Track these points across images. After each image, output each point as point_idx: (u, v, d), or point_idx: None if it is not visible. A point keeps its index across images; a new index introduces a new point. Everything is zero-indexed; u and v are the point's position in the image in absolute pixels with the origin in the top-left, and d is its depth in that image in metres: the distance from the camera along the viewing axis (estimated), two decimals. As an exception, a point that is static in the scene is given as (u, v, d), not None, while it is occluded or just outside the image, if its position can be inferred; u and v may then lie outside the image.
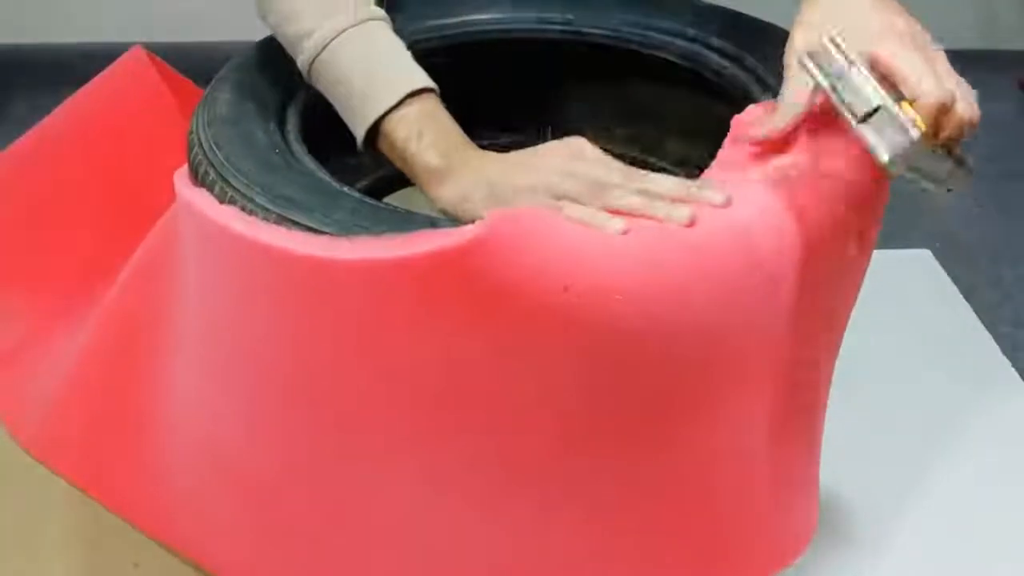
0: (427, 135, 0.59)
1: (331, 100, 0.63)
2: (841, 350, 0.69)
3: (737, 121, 0.62)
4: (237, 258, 0.56)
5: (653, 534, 0.63)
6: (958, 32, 1.80)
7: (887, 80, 0.53)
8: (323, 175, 0.60)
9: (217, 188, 0.58)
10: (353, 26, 0.61)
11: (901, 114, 0.50)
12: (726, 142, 0.61)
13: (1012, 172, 1.49)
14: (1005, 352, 1.09)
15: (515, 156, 0.59)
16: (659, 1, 0.83)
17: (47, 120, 0.98)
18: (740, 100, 0.71)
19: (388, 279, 0.51)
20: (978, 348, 1.10)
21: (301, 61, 0.63)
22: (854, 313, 0.67)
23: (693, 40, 0.79)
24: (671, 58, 0.81)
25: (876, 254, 0.64)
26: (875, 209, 0.62)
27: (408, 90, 0.59)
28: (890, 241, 1.27)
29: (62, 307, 0.92)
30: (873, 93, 0.51)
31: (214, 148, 0.61)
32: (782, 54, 0.71)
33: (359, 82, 0.61)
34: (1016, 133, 1.62)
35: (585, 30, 0.82)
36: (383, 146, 0.61)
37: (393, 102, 0.59)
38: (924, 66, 0.53)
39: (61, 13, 1.63)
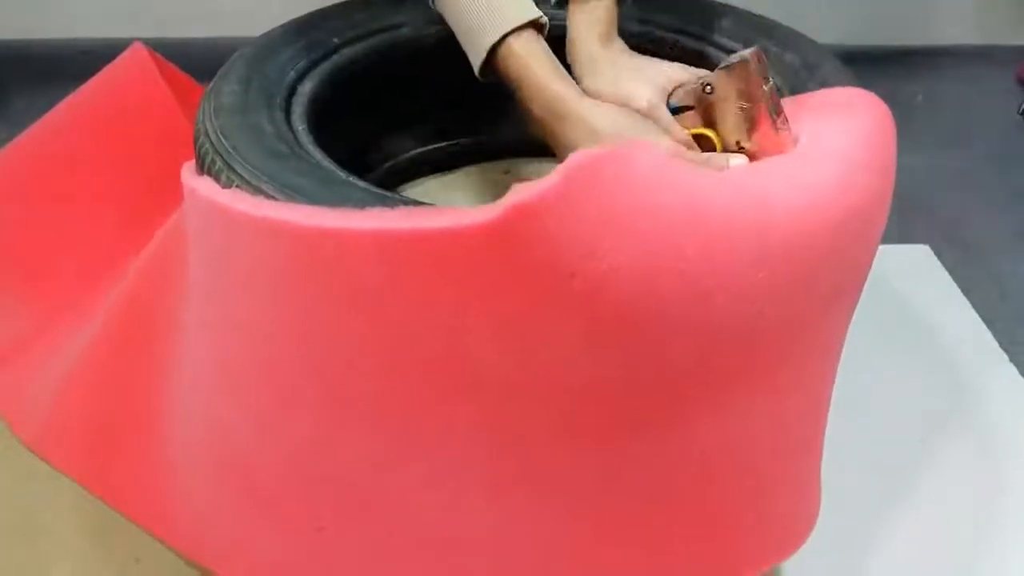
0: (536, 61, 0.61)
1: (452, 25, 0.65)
2: (840, 345, 0.70)
3: None
4: (243, 239, 0.56)
5: (660, 523, 0.63)
6: (957, 28, 1.80)
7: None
8: (330, 164, 0.61)
9: (224, 177, 0.59)
10: None
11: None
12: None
13: (1012, 167, 1.49)
14: (1004, 347, 1.09)
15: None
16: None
17: (47, 117, 0.98)
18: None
19: (418, 250, 0.50)
20: (977, 343, 1.10)
21: None
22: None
23: (699, 38, 0.79)
24: (679, 56, 0.81)
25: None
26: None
27: (507, 29, 0.60)
28: (889, 236, 1.26)
29: (63, 304, 0.92)
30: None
31: (221, 137, 0.61)
32: (784, 53, 0.71)
33: (468, 19, 0.62)
34: (1015, 128, 1.62)
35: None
36: (502, 69, 0.62)
37: (513, 25, 0.60)
38: None
39: (59, 8, 1.62)
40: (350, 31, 0.79)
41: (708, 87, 0.62)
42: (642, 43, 0.82)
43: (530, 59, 0.60)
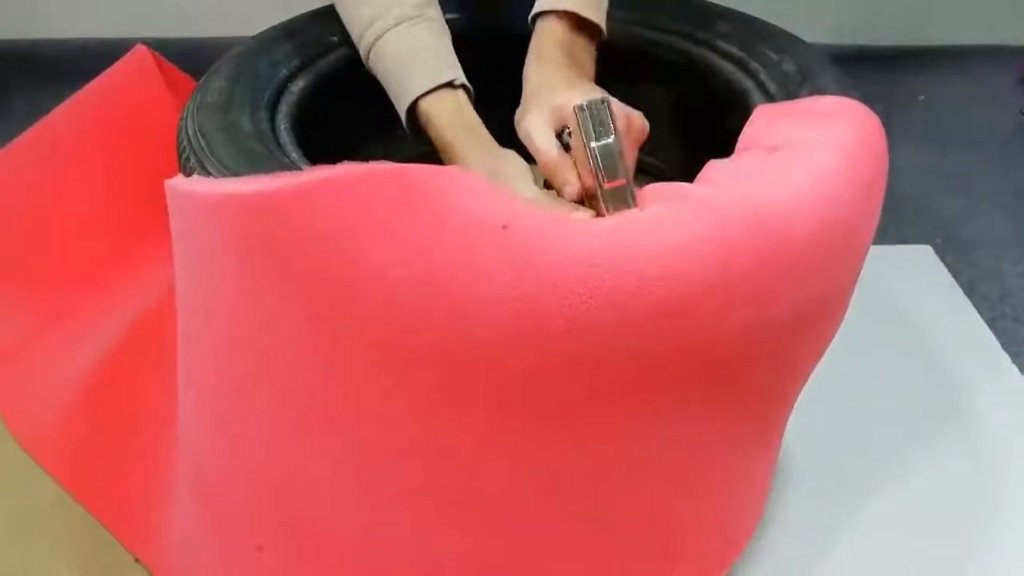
0: (444, 117, 0.67)
1: (383, 84, 0.71)
2: (841, 345, 0.69)
3: (746, 133, 0.62)
4: (196, 221, 0.56)
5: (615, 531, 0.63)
6: (958, 28, 1.80)
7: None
8: (305, 165, 0.60)
9: (196, 174, 0.59)
10: (404, 22, 0.68)
11: (630, 191, 0.55)
12: (737, 150, 0.61)
13: (1013, 167, 1.49)
14: (1006, 348, 1.09)
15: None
16: (669, 2, 0.83)
17: (48, 118, 0.98)
18: (741, 106, 0.70)
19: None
20: (979, 344, 1.10)
21: (361, 51, 0.71)
22: (855, 308, 0.66)
23: (702, 43, 0.78)
24: (680, 61, 0.80)
25: (877, 249, 0.64)
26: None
27: (439, 81, 0.67)
28: (891, 236, 1.27)
29: (65, 305, 0.92)
30: (623, 171, 0.55)
31: (198, 135, 0.61)
32: (782, 60, 0.70)
33: (401, 70, 0.69)
34: (1016, 128, 1.62)
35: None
36: (421, 123, 0.69)
37: (426, 88, 0.67)
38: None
39: (59, 8, 1.62)
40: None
41: (566, 130, 0.62)
42: (644, 47, 0.82)
43: (432, 117, 0.68)
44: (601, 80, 0.84)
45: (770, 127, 0.61)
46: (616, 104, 0.61)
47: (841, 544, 0.84)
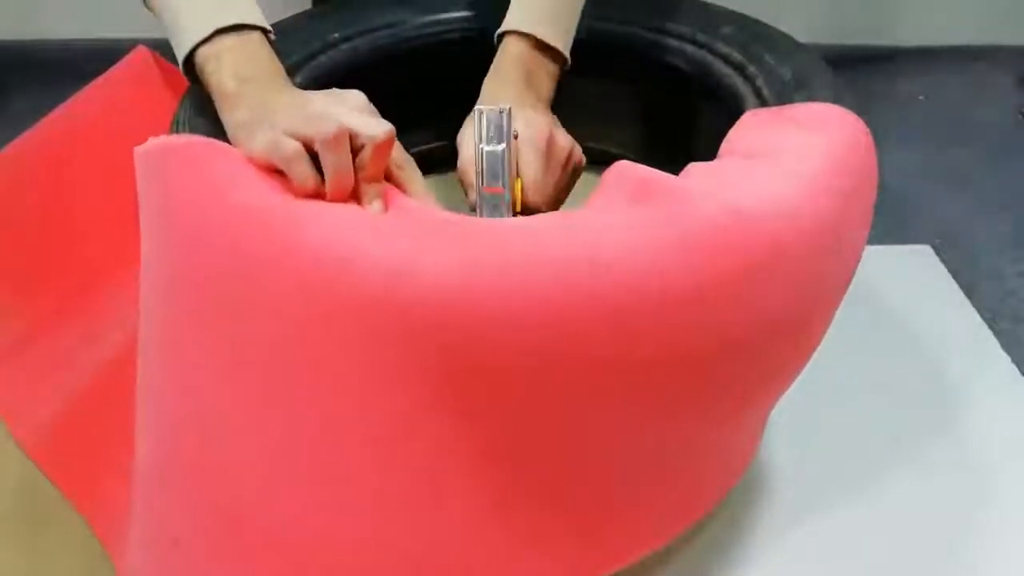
0: (227, 60, 0.59)
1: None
2: (840, 345, 0.69)
3: (729, 138, 0.62)
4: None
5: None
6: (957, 28, 1.80)
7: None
8: None
9: None
10: None
11: (506, 203, 0.58)
12: (719, 155, 0.61)
13: (1012, 167, 1.49)
14: (1005, 348, 1.09)
15: (305, 95, 0.59)
16: (671, 3, 0.83)
17: (47, 119, 0.97)
18: (735, 111, 0.70)
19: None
20: (979, 344, 1.10)
21: None
22: (854, 308, 0.66)
23: (703, 46, 0.78)
24: (677, 63, 0.80)
25: (877, 249, 0.64)
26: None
27: (217, 26, 0.59)
28: (890, 236, 1.27)
29: (63, 306, 0.92)
30: (504, 180, 0.58)
31: (188, 130, 0.61)
32: (780, 66, 0.70)
33: (175, 14, 0.61)
34: (1015, 128, 1.62)
35: (595, 28, 0.82)
36: (201, 78, 0.61)
37: (202, 36, 0.60)
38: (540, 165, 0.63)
39: (59, 8, 1.62)
40: (350, 27, 0.79)
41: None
42: (642, 48, 0.82)
43: (203, 65, 0.60)
44: (601, 80, 0.85)
45: (754, 133, 0.61)
46: (543, 129, 0.63)
47: (837, 547, 0.84)
